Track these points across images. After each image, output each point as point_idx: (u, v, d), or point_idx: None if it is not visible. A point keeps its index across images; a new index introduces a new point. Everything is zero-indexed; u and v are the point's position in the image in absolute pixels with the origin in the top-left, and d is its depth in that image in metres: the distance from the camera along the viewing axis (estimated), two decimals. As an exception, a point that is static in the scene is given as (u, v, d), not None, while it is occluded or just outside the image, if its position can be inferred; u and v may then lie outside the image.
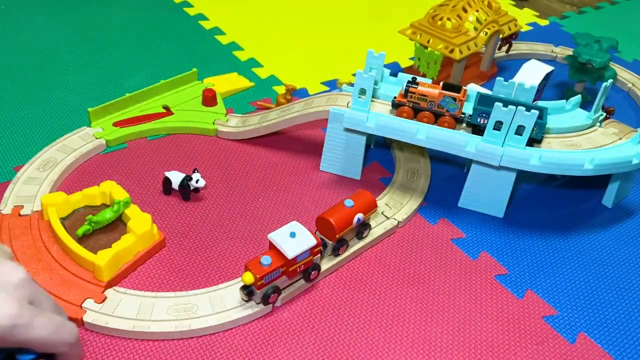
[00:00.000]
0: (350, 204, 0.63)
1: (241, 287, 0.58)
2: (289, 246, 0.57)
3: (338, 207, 0.63)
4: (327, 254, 0.64)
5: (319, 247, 0.59)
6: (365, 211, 0.64)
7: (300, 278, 0.61)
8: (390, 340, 0.59)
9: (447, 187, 0.78)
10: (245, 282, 0.56)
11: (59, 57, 0.99)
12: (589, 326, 0.62)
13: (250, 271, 0.56)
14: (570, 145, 0.72)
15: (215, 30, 1.12)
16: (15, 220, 0.65)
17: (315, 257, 0.60)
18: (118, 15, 1.14)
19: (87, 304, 0.57)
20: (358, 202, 0.64)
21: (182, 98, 0.88)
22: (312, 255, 0.59)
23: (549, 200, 0.78)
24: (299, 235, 0.58)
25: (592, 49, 0.94)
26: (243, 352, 0.56)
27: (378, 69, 0.75)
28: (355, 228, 0.65)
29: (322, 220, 0.62)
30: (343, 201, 0.63)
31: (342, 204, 0.63)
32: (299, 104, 0.79)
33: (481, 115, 0.70)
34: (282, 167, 0.79)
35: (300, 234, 0.58)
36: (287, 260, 0.57)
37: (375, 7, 1.26)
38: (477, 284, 0.65)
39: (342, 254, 0.65)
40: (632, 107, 1.00)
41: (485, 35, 0.93)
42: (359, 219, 0.63)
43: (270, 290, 0.58)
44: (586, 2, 1.37)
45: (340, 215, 0.62)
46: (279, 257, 0.57)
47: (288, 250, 0.57)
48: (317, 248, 0.59)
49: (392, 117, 0.73)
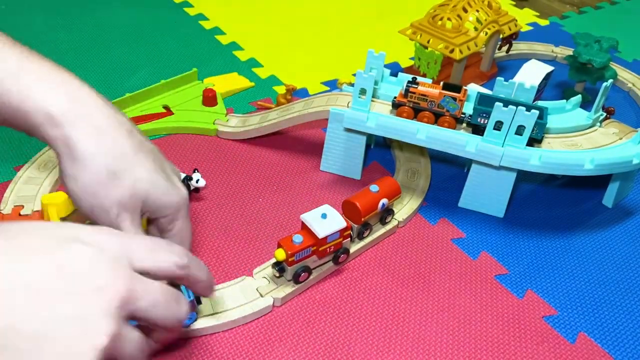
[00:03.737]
0: (375, 189, 0.66)
1: (273, 263, 0.61)
2: (320, 226, 0.59)
3: (364, 192, 0.66)
4: (352, 236, 0.66)
5: (348, 230, 0.62)
6: (390, 197, 0.66)
7: (329, 260, 0.63)
8: (390, 340, 0.59)
9: (447, 187, 0.78)
10: (277, 258, 0.59)
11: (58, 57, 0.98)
12: (589, 326, 0.62)
13: (282, 247, 0.59)
14: (570, 145, 0.72)
15: (215, 30, 1.12)
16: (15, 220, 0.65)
17: (344, 241, 0.62)
18: (118, 15, 1.14)
19: (87, 304, 0.57)
20: (383, 187, 0.66)
21: (182, 98, 0.88)
22: (341, 238, 0.61)
23: (549, 200, 0.78)
24: (330, 217, 0.60)
25: (592, 49, 0.94)
26: (243, 352, 0.56)
27: (378, 69, 0.75)
28: (380, 213, 0.67)
29: (348, 203, 0.65)
30: (369, 186, 0.66)
31: (367, 189, 0.66)
32: (299, 104, 0.79)
33: (481, 115, 0.70)
34: (282, 167, 0.79)
35: (332, 216, 0.61)
36: (318, 240, 0.59)
37: (375, 7, 1.26)
38: (477, 283, 0.65)
39: (366, 237, 0.67)
40: (632, 107, 1.00)
41: (486, 35, 0.93)
42: (384, 204, 0.66)
43: (300, 269, 0.60)
44: (586, 2, 1.37)
45: (366, 199, 0.65)
46: (310, 237, 0.60)
47: (319, 229, 0.59)
48: (347, 231, 0.62)
49: (392, 117, 0.73)
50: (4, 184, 0.71)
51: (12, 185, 0.70)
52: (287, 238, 0.59)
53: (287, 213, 0.72)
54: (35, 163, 0.73)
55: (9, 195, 0.68)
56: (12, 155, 0.77)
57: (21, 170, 0.72)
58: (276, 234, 0.69)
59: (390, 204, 0.68)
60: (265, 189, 0.76)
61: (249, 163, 0.79)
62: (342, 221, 0.61)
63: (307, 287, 0.63)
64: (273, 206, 0.73)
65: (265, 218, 0.71)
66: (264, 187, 0.76)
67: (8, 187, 0.69)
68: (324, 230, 0.59)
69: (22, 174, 0.71)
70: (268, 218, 0.71)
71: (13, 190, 0.69)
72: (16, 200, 0.67)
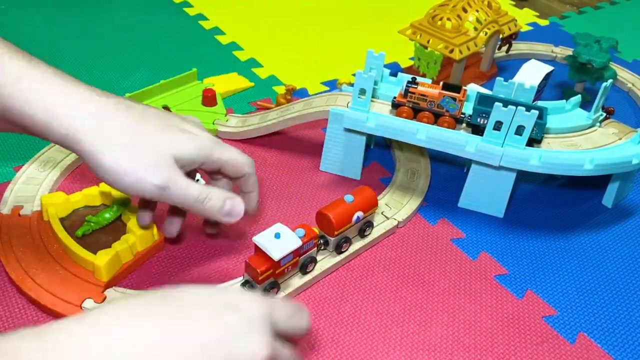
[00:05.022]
0: (350, 200, 0.63)
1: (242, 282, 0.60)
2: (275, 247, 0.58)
3: (338, 202, 0.63)
4: (329, 250, 0.65)
5: (316, 239, 0.61)
6: (365, 209, 0.64)
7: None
8: (390, 340, 0.59)
9: (447, 187, 0.78)
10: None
11: (58, 57, 0.99)
12: (589, 326, 0.62)
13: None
14: (570, 145, 0.72)
15: (215, 30, 1.12)
16: (15, 221, 0.65)
17: (312, 250, 0.62)
18: (118, 15, 1.14)
19: (87, 304, 0.57)
20: (358, 198, 0.64)
21: (182, 98, 0.88)
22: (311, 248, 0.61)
23: (549, 200, 0.78)
24: (284, 237, 0.58)
25: (592, 49, 0.94)
26: (243, 352, 0.56)
27: (378, 69, 0.75)
28: (357, 226, 0.65)
29: (321, 215, 0.63)
30: (343, 197, 0.64)
31: (342, 200, 0.64)
32: (299, 104, 0.79)
33: (481, 115, 0.70)
34: (282, 167, 0.79)
35: (285, 236, 0.59)
36: (274, 262, 0.57)
37: (375, 7, 1.26)
38: (477, 284, 0.65)
39: (345, 251, 0.65)
40: (632, 107, 1.00)
41: (485, 36, 0.93)
42: (359, 217, 0.64)
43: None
44: (586, 2, 1.37)
45: (339, 211, 0.63)
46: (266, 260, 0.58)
47: (274, 252, 0.58)
48: (316, 240, 0.61)
49: (392, 117, 0.73)
50: (4, 184, 0.71)
51: (12, 185, 0.69)
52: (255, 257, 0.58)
53: (287, 213, 0.72)
54: (34, 163, 0.73)
55: (9, 196, 0.68)
56: (12, 155, 0.77)
57: (21, 170, 0.72)
58: (276, 234, 0.69)
59: (366, 216, 0.65)
60: (265, 188, 0.76)
61: (249, 163, 0.79)
62: (297, 241, 0.58)
63: (307, 287, 0.63)
64: (273, 206, 0.73)
65: (265, 218, 0.71)
66: (263, 187, 0.76)
67: (8, 187, 0.69)
68: (279, 253, 0.57)
69: (22, 174, 0.71)
70: (268, 218, 0.71)
71: (13, 190, 0.69)
72: (16, 200, 0.67)
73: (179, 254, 0.66)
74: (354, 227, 0.65)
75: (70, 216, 0.66)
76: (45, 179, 0.71)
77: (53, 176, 0.72)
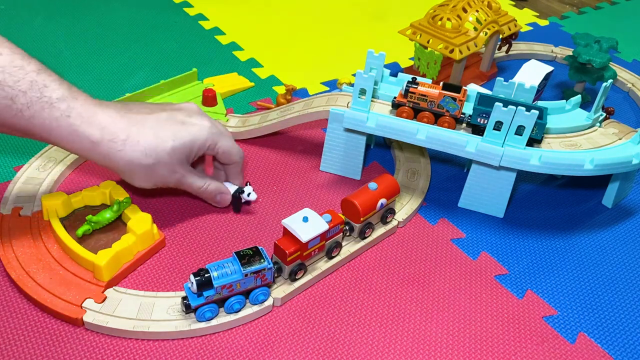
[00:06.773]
0: (374, 187, 0.66)
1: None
2: (303, 230, 0.60)
3: (363, 190, 0.66)
4: (354, 236, 0.67)
5: (342, 224, 0.64)
6: (388, 196, 0.67)
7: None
8: (390, 340, 0.59)
9: (447, 187, 0.78)
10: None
11: (59, 57, 0.99)
12: (589, 326, 0.62)
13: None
14: (570, 145, 0.72)
15: (215, 30, 1.12)
16: (15, 221, 0.65)
17: (337, 236, 0.64)
18: (118, 15, 1.14)
19: (87, 304, 0.57)
20: (382, 186, 0.66)
21: (182, 98, 0.88)
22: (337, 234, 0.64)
23: (549, 200, 0.78)
24: (312, 220, 0.60)
25: (592, 49, 0.94)
26: (243, 352, 0.56)
27: (378, 69, 0.75)
28: (380, 212, 0.67)
29: (347, 202, 0.65)
30: (367, 184, 0.66)
31: (366, 187, 0.66)
32: (299, 104, 0.79)
33: (481, 115, 0.70)
34: (282, 167, 0.79)
35: (313, 219, 0.61)
36: (302, 244, 0.59)
37: (375, 7, 1.26)
38: (477, 284, 0.65)
39: (368, 237, 0.67)
40: (632, 107, 1.00)
41: (485, 36, 0.93)
42: (382, 204, 0.66)
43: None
44: (586, 2, 1.37)
45: (364, 198, 0.65)
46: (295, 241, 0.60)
47: (302, 234, 0.60)
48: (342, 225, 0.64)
49: (392, 117, 0.73)
50: (4, 184, 0.71)
51: (12, 185, 0.69)
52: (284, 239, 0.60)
53: (287, 213, 0.72)
54: (34, 163, 0.73)
55: (9, 196, 0.68)
56: (12, 155, 0.77)
57: (21, 170, 0.72)
58: (275, 233, 0.69)
59: (389, 203, 0.68)
60: (265, 188, 0.76)
61: (249, 163, 0.79)
62: (324, 224, 0.60)
63: (307, 287, 0.63)
64: (273, 206, 0.73)
65: (265, 218, 0.71)
66: (263, 187, 0.76)
67: (8, 187, 0.69)
68: (307, 235, 0.58)
69: (22, 174, 0.71)
70: (268, 218, 0.71)
71: (13, 191, 0.69)
72: (16, 200, 0.67)
73: (179, 254, 0.66)
74: (377, 213, 0.67)
75: (70, 216, 0.66)
76: (45, 179, 0.71)
77: (53, 176, 0.72)
